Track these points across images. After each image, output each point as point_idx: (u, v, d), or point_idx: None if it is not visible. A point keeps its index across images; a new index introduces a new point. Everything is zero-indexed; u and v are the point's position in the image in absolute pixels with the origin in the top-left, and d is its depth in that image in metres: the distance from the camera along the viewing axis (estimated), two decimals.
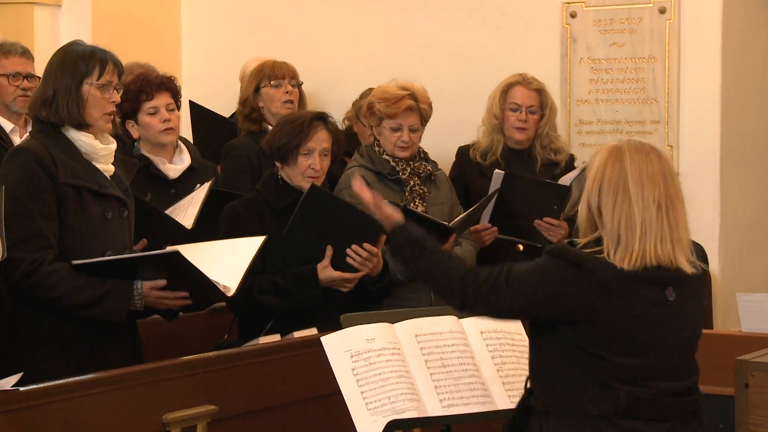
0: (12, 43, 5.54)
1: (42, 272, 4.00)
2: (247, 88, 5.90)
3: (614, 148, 3.34)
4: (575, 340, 3.30)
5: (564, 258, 3.30)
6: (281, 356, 4.25)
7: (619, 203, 3.27)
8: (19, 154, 4.13)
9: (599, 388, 3.29)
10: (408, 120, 5.29)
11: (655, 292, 3.29)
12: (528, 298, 3.32)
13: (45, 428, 3.55)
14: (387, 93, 5.34)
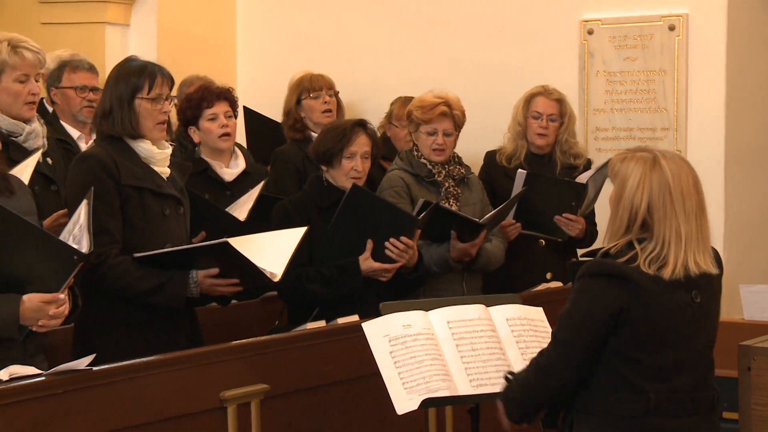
0: (80, 60, 5.57)
1: (108, 265, 4.02)
2: (289, 101, 5.91)
3: (650, 158, 3.22)
4: (612, 345, 3.24)
5: (599, 274, 3.22)
6: (326, 340, 4.25)
7: (669, 216, 3.18)
8: (86, 159, 4.14)
9: (630, 390, 3.23)
10: (442, 125, 5.28)
11: (685, 296, 3.24)
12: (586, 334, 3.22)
13: (115, 404, 3.57)
14: (423, 101, 5.35)
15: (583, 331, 3.23)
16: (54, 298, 3.47)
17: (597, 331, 3.22)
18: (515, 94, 5.92)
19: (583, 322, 3.23)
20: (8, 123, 4.56)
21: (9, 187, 3.61)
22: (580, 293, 3.26)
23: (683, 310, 3.24)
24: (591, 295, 3.23)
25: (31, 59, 4.58)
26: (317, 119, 5.81)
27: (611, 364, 3.25)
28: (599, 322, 3.21)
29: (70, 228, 3.66)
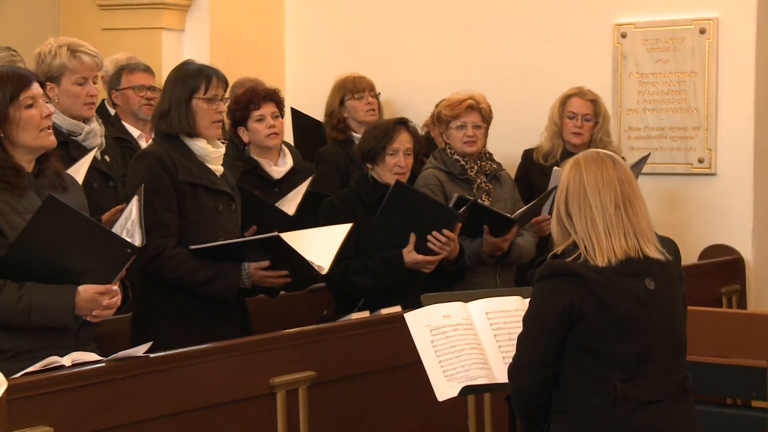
0: (136, 62, 5.62)
1: (165, 257, 4.04)
2: (332, 102, 5.91)
3: (574, 161, 3.28)
4: (573, 340, 3.19)
5: (549, 275, 3.21)
6: (370, 330, 4.25)
7: (582, 209, 3.19)
8: (145, 157, 4.17)
9: (597, 382, 3.18)
10: (470, 117, 5.26)
11: (637, 283, 3.19)
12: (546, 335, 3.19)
13: (170, 390, 3.59)
14: (450, 100, 5.36)
15: (541, 333, 3.20)
16: (107, 290, 3.48)
17: (554, 331, 3.19)
18: (551, 95, 5.91)
19: (540, 323, 3.21)
20: (69, 123, 4.60)
21: (63, 184, 3.64)
22: (534, 297, 3.26)
23: (637, 298, 3.19)
24: (543, 297, 3.22)
25: (89, 62, 4.62)
26: (361, 119, 5.80)
27: (576, 359, 3.20)
28: (554, 321, 3.18)
29: (122, 222, 3.67)
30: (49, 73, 4.57)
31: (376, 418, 4.19)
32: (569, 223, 3.23)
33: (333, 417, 4.06)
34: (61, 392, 3.31)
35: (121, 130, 5.40)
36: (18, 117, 3.50)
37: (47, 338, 3.48)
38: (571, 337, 3.19)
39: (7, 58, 5.84)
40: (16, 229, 3.41)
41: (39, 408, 3.25)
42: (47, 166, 3.61)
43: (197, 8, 7.11)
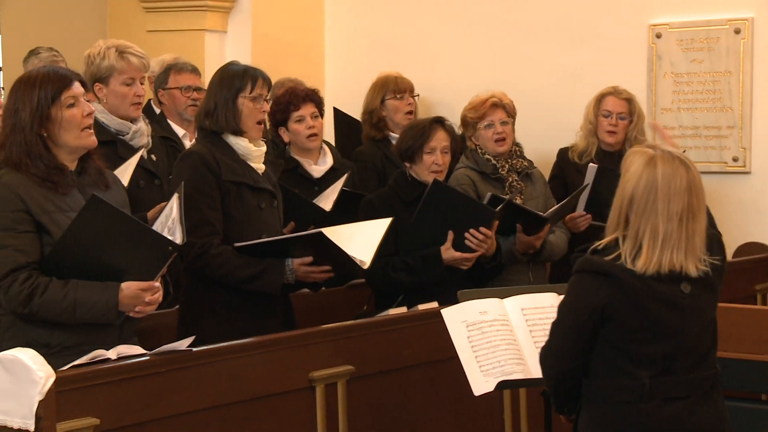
0: (183, 63, 5.63)
1: (210, 254, 4.05)
2: (373, 100, 5.89)
3: (649, 159, 3.14)
4: (604, 336, 3.17)
5: (588, 271, 3.17)
6: (407, 325, 4.25)
7: (647, 213, 3.10)
8: (189, 156, 4.19)
9: (626, 377, 3.15)
10: (497, 115, 5.25)
11: (674, 288, 3.13)
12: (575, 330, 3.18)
13: (212, 383, 3.60)
14: (473, 102, 5.35)
15: (572, 325, 3.18)
16: (150, 286, 3.50)
17: (584, 326, 3.16)
18: (587, 95, 5.88)
19: (573, 316, 3.18)
20: (117, 123, 4.63)
21: (105, 182, 3.65)
22: (570, 289, 3.23)
23: (672, 303, 3.13)
24: (578, 292, 3.19)
25: (137, 63, 4.65)
26: (399, 120, 5.80)
27: (606, 354, 3.17)
28: (585, 317, 3.15)
29: (163, 220, 3.69)
30: (97, 74, 4.61)
31: (413, 412, 4.19)
32: (625, 220, 3.15)
33: (371, 411, 4.06)
34: (107, 385, 3.33)
35: (166, 128, 5.43)
36: (60, 117, 3.51)
37: (91, 334, 3.51)
38: (602, 333, 3.17)
39: (49, 59, 5.91)
40: (61, 227, 3.44)
41: (86, 400, 3.28)
42: (89, 165, 3.63)
43: (239, 10, 7.14)
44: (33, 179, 3.47)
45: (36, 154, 3.48)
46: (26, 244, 3.42)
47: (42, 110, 3.48)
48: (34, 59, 5.93)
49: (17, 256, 3.40)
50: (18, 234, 3.42)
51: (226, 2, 7.11)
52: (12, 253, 3.40)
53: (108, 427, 3.31)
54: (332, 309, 4.79)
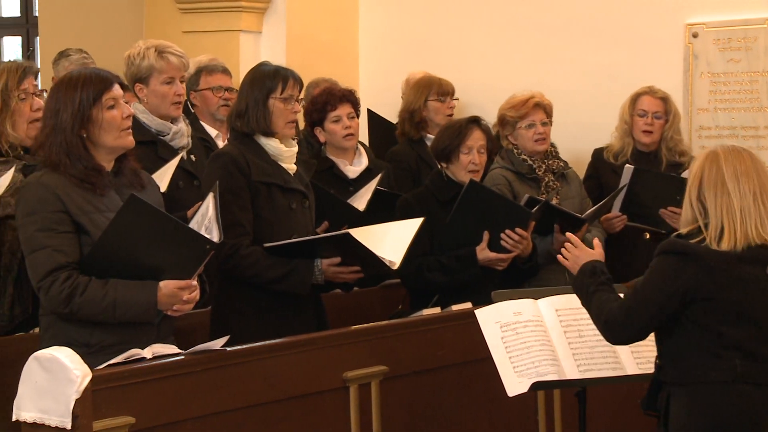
0: (214, 64, 5.65)
1: (240, 254, 4.06)
2: (416, 100, 5.88)
3: (711, 152, 3.35)
4: (690, 318, 3.24)
5: (673, 252, 3.26)
6: (441, 326, 4.25)
7: (719, 196, 3.26)
8: (220, 157, 4.20)
9: (716, 359, 3.22)
10: (538, 116, 5.24)
11: (757, 270, 3.24)
12: (655, 306, 3.27)
13: (247, 382, 3.62)
14: (513, 101, 5.33)
15: (650, 304, 3.27)
16: (187, 285, 3.52)
17: (664, 306, 3.26)
18: (622, 95, 5.84)
19: (653, 295, 3.27)
20: (157, 123, 4.66)
21: (140, 182, 3.68)
22: (654, 270, 3.31)
23: (756, 284, 3.23)
24: (663, 271, 3.27)
25: (176, 63, 4.68)
26: (439, 121, 5.79)
27: (694, 335, 3.25)
28: (666, 296, 3.25)
29: (199, 219, 3.71)
30: (138, 74, 4.64)
31: (446, 412, 4.19)
32: (700, 209, 3.29)
33: (404, 411, 4.06)
34: (142, 383, 3.36)
35: (199, 129, 5.45)
36: (100, 118, 3.54)
37: (130, 333, 3.53)
38: (688, 315, 3.25)
39: (79, 60, 5.95)
40: (99, 227, 3.46)
41: (121, 398, 3.30)
42: (125, 165, 3.65)
43: (274, 11, 7.16)
44: (71, 180, 3.50)
45: (75, 155, 3.51)
46: (66, 245, 3.45)
47: (83, 111, 3.51)
48: (64, 61, 5.97)
49: (57, 256, 3.43)
50: (58, 234, 3.45)
51: (261, 3, 7.13)
52: (52, 254, 3.43)
53: (143, 426, 3.33)
54: (366, 309, 4.79)
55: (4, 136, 4.04)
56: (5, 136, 4.04)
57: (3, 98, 4.04)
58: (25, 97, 4.07)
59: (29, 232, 3.46)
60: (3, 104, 4.04)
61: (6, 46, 9.64)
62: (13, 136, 4.06)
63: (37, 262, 3.44)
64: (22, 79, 4.07)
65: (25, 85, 4.07)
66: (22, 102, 4.07)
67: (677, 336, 3.28)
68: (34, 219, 3.45)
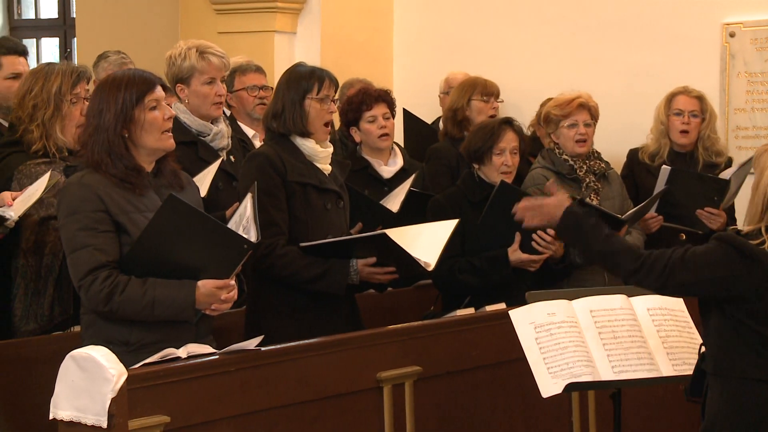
0: (247, 64, 5.67)
1: (276, 254, 4.08)
2: (459, 99, 5.88)
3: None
4: (735, 314, 3.21)
5: (733, 245, 3.21)
6: (475, 326, 4.24)
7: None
8: (256, 158, 4.22)
9: (755, 356, 3.20)
10: (581, 116, 5.21)
11: None
12: (698, 277, 3.23)
13: (281, 382, 3.62)
14: (559, 100, 5.31)
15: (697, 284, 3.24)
16: (225, 284, 3.54)
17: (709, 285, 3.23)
18: (658, 95, 5.81)
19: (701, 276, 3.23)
20: (198, 124, 4.68)
21: (180, 183, 3.70)
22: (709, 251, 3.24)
23: None
24: (717, 255, 3.22)
25: (217, 63, 4.69)
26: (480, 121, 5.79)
27: (739, 330, 3.22)
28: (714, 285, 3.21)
29: (237, 219, 3.73)
30: (179, 74, 4.67)
31: (480, 413, 4.18)
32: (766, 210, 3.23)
33: (438, 411, 4.06)
34: (177, 383, 3.37)
35: (237, 130, 5.47)
36: (142, 119, 3.57)
37: (169, 331, 3.55)
38: (731, 312, 3.22)
39: (117, 61, 6.00)
40: (138, 227, 3.49)
41: (157, 397, 3.32)
42: (165, 166, 3.68)
43: (309, 11, 7.18)
44: (111, 180, 3.53)
45: (117, 154, 3.54)
46: (106, 244, 3.48)
47: (126, 111, 3.54)
48: (104, 62, 6.02)
49: (98, 255, 3.46)
50: (98, 234, 3.48)
51: (296, 3, 7.16)
52: (93, 252, 3.46)
53: (178, 425, 3.35)
54: (399, 309, 4.79)
55: (52, 138, 4.09)
56: (53, 139, 4.09)
57: (55, 101, 4.08)
58: (76, 102, 4.11)
59: (71, 232, 3.50)
60: (54, 107, 4.09)
61: (44, 48, 9.73)
62: (61, 140, 4.10)
63: (78, 261, 3.48)
64: (76, 83, 4.11)
65: (77, 90, 4.11)
66: (73, 106, 4.11)
67: (721, 328, 3.26)
68: (75, 218, 3.49)
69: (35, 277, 4.04)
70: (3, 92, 4.59)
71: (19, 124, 4.13)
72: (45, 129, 4.08)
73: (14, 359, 3.81)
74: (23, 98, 4.12)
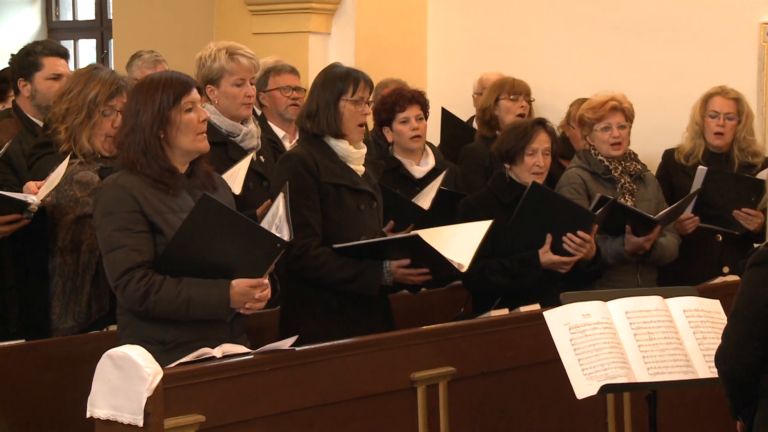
0: (282, 64, 5.68)
1: (309, 256, 4.08)
2: (488, 98, 5.89)
3: None
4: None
5: (761, 263, 3.15)
6: (509, 327, 4.23)
7: None
8: (289, 158, 4.22)
9: None
10: (615, 119, 5.18)
11: None
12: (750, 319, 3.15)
13: (315, 382, 3.63)
14: (592, 102, 5.28)
15: (747, 318, 3.15)
16: (259, 283, 3.55)
17: (759, 317, 3.13)
18: (694, 95, 5.76)
19: (747, 309, 3.16)
20: (228, 124, 4.70)
21: (213, 184, 3.72)
22: (745, 283, 3.19)
23: None
24: (753, 284, 3.16)
25: (247, 64, 4.71)
26: (509, 121, 5.77)
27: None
28: (761, 308, 3.13)
29: (270, 219, 3.74)
30: (209, 75, 4.69)
31: (514, 414, 4.17)
32: None
33: (472, 412, 4.05)
34: (213, 382, 3.39)
35: (267, 130, 5.49)
36: (179, 120, 3.59)
37: (204, 330, 3.57)
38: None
39: (151, 59, 6.04)
40: (173, 227, 3.51)
41: (192, 397, 3.34)
42: (198, 167, 3.71)
43: (343, 12, 7.19)
44: (146, 180, 3.56)
45: (152, 155, 3.57)
46: (141, 244, 3.51)
47: (162, 112, 3.57)
48: (137, 61, 6.06)
49: (133, 256, 3.49)
50: (133, 234, 3.51)
51: (331, 4, 7.17)
52: (128, 253, 3.49)
53: (213, 424, 3.37)
54: (429, 310, 4.79)
55: (78, 144, 4.11)
56: (79, 145, 4.11)
57: (88, 109, 4.11)
58: (109, 114, 4.13)
59: (106, 232, 3.53)
60: (86, 115, 4.11)
61: (81, 49, 9.81)
62: (87, 147, 4.12)
63: (114, 261, 3.51)
64: (113, 95, 4.13)
65: (113, 102, 4.13)
66: (105, 118, 4.13)
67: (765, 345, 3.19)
68: (111, 219, 3.52)
69: (73, 275, 4.08)
70: (43, 92, 4.64)
71: (53, 122, 4.17)
72: (72, 133, 4.10)
73: (52, 358, 3.84)
74: (61, 97, 4.16)
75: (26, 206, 3.79)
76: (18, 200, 3.77)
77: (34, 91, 4.70)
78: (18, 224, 3.80)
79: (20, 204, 3.77)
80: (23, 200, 3.79)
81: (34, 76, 4.71)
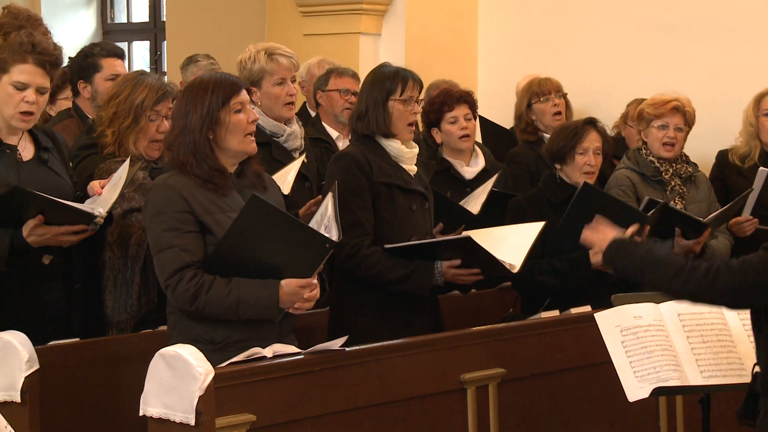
0: (345, 68, 5.74)
1: (361, 255, 4.07)
2: (520, 105, 5.88)
3: None
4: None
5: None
6: (560, 329, 4.19)
7: None
8: (342, 158, 4.22)
9: None
10: (674, 119, 5.12)
11: None
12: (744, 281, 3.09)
13: (365, 382, 3.62)
14: (656, 99, 5.23)
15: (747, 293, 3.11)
16: (308, 283, 3.54)
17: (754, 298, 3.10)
18: (746, 95, 5.68)
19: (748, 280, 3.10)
20: (271, 125, 4.71)
21: (263, 184, 3.73)
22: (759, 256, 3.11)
23: None
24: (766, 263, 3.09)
25: (286, 64, 4.72)
26: (548, 122, 5.74)
27: None
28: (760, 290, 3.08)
29: (318, 219, 3.73)
30: (250, 77, 4.70)
31: (565, 416, 4.13)
32: None
33: (522, 414, 4.02)
34: (263, 382, 3.39)
35: (321, 131, 5.51)
36: (228, 121, 3.60)
37: (253, 330, 3.57)
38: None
39: (207, 67, 6.07)
40: (222, 227, 3.52)
41: (243, 396, 3.34)
42: (248, 168, 3.71)
43: (393, 13, 7.19)
44: (196, 181, 3.56)
45: (202, 155, 3.57)
46: (191, 244, 3.52)
47: (212, 113, 3.58)
48: (193, 67, 6.10)
49: (184, 255, 3.50)
50: (184, 234, 3.52)
51: (381, 5, 7.16)
52: (179, 253, 3.50)
53: (263, 424, 3.37)
54: (478, 311, 4.77)
55: (123, 147, 4.14)
56: (124, 149, 4.14)
57: (135, 113, 4.13)
58: (155, 119, 4.16)
59: (157, 232, 3.54)
60: (133, 119, 4.13)
61: (135, 51, 9.90)
62: (132, 151, 4.14)
63: (164, 261, 3.52)
64: (160, 100, 4.15)
65: (159, 107, 4.15)
66: (151, 123, 4.15)
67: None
68: (161, 219, 3.53)
69: (123, 268, 4.10)
70: (103, 93, 4.68)
71: (99, 125, 4.20)
72: (119, 136, 4.13)
73: (104, 357, 3.86)
74: (109, 101, 4.19)
75: (93, 218, 3.82)
76: (86, 212, 3.80)
77: (95, 92, 4.77)
78: (83, 235, 3.83)
79: (87, 216, 3.79)
80: (90, 212, 3.81)
81: (94, 78, 4.80)
